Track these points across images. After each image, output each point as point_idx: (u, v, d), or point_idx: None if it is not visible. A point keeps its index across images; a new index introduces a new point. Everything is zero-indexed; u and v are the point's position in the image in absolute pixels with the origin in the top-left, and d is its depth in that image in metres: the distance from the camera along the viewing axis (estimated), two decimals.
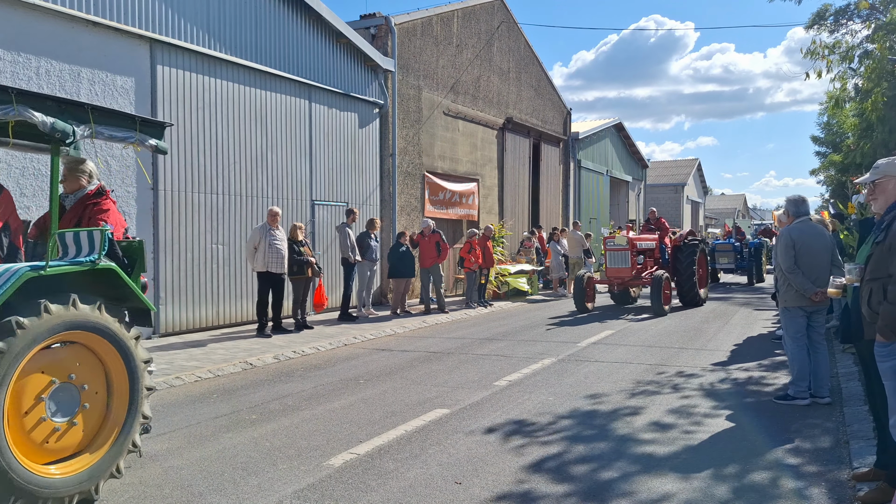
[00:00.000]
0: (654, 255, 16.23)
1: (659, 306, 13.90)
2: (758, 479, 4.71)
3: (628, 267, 14.87)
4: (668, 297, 14.32)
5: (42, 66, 9.42)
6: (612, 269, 15.07)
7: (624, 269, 14.91)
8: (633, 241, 15.17)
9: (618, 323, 13.03)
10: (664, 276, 14.21)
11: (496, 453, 5.32)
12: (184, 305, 11.42)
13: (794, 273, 6.53)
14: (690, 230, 16.95)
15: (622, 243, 15.00)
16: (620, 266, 14.95)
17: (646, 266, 15.77)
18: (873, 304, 4.03)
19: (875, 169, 4.33)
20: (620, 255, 15.01)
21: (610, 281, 15.29)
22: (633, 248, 15.08)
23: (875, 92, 18.24)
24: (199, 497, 4.49)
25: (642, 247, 15.67)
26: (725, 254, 23.86)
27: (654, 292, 14.07)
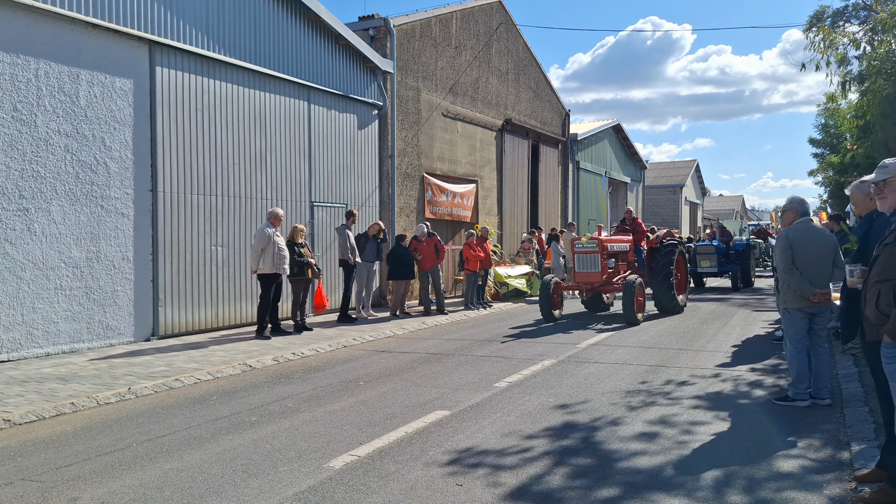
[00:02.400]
0: (627, 258, 14.97)
1: (631, 314, 12.65)
2: (759, 481, 4.71)
3: (598, 271, 13.66)
4: (642, 304, 13.23)
5: (41, 67, 9.41)
6: (581, 274, 13.82)
7: (593, 273, 13.69)
8: (603, 243, 13.87)
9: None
10: (637, 282, 13.01)
11: (497, 455, 5.31)
12: (183, 307, 11.41)
13: (791, 273, 6.48)
14: (668, 230, 15.59)
15: (591, 245, 13.82)
16: (589, 270, 13.73)
17: (618, 270, 14.52)
18: (882, 306, 3.99)
19: (884, 168, 4.31)
20: (589, 258, 13.77)
21: (578, 286, 14.06)
22: (604, 250, 13.82)
23: (872, 90, 18.25)
24: (199, 499, 4.48)
25: (614, 249, 14.40)
26: (707, 256, 22.11)
27: (625, 299, 12.76)
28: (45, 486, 4.78)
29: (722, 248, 22.15)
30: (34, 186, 9.38)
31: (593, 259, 13.70)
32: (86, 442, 5.81)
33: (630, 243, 15.04)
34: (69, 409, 6.83)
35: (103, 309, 10.22)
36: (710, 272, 22.10)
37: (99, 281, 10.16)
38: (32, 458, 5.40)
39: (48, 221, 9.54)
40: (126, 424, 6.37)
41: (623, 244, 14.80)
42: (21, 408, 6.67)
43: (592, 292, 14.35)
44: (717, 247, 22.03)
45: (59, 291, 9.64)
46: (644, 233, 15.59)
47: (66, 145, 9.76)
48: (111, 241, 10.35)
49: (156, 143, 10.99)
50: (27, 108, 9.26)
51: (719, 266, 21.81)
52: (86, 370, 8.53)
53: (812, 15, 26.44)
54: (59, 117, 9.65)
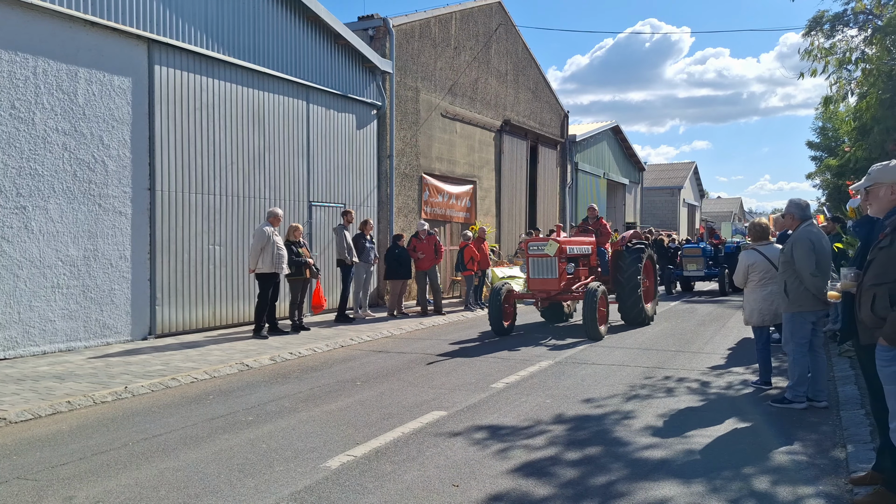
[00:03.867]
0: (589, 262, 13.35)
1: (593, 327, 11.07)
2: (755, 483, 4.71)
3: (555, 278, 11.97)
4: (605, 315, 11.68)
5: (39, 65, 9.40)
6: (536, 281, 12.17)
7: (550, 279, 12.03)
8: (561, 246, 12.17)
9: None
10: (600, 290, 11.38)
11: (493, 456, 5.31)
12: (180, 306, 11.39)
13: (817, 276, 6.33)
14: (635, 231, 13.97)
15: (549, 248, 12.13)
16: (545, 276, 12.09)
17: (578, 276, 12.82)
18: (877, 310, 3.99)
19: (868, 175, 4.36)
20: (545, 262, 12.08)
21: (533, 295, 12.38)
22: (562, 253, 12.10)
23: (870, 93, 18.28)
24: (195, 499, 4.47)
25: (574, 252, 12.64)
26: (693, 259, 20.83)
27: (586, 310, 11.18)
28: (40, 484, 4.77)
29: (709, 251, 21.18)
30: (32, 184, 9.36)
31: (549, 264, 12.04)
32: (82, 440, 5.80)
33: (593, 246, 13.45)
34: (65, 407, 6.82)
35: (100, 307, 10.21)
36: (696, 276, 20.93)
37: (96, 279, 10.15)
38: (28, 456, 5.39)
39: (46, 219, 9.52)
40: (122, 423, 6.36)
41: (584, 246, 13.17)
42: (17, 406, 6.66)
43: (549, 301, 12.70)
44: (704, 249, 21.01)
45: (56, 290, 9.62)
46: (608, 234, 14.04)
47: (64, 143, 9.74)
48: (109, 239, 10.33)
49: (154, 141, 10.98)
50: (25, 106, 9.25)
51: (706, 269, 20.76)
52: (82, 369, 8.52)
53: (811, 19, 26.41)
54: (57, 115, 9.64)
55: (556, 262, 11.95)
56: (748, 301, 7.52)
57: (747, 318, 7.60)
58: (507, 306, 12.05)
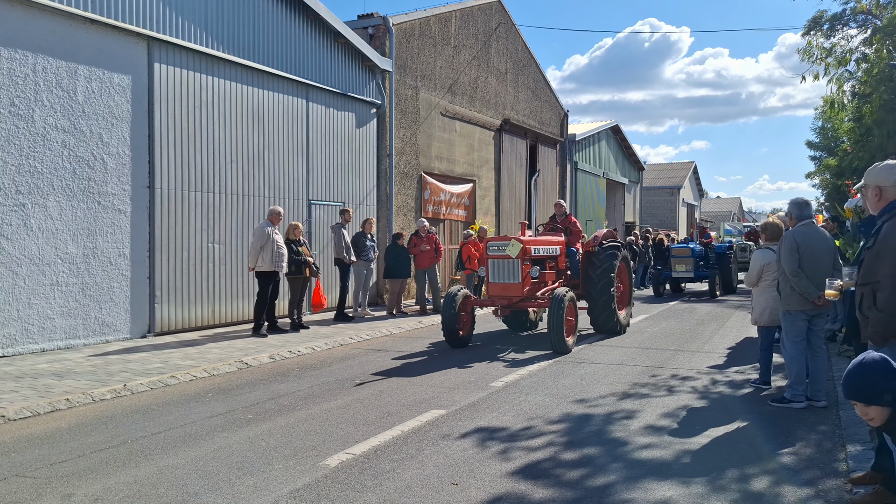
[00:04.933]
0: (558, 264, 11.90)
1: (559, 339, 9.69)
2: (754, 483, 4.71)
3: (517, 282, 10.50)
4: (573, 325, 10.24)
5: (39, 62, 9.38)
6: (496, 286, 10.70)
7: (511, 284, 10.55)
8: (524, 246, 10.61)
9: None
10: (567, 296, 9.98)
11: (493, 455, 5.31)
12: (179, 304, 11.38)
13: (798, 276, 6.43)
14: (609, 230, 12.51)
15: (510, 248, 10.58)
16: (506, 281, 10.59)
17: (544, 280, 11.31)
18: (864, 309, 4.09)
19: (864, 176, 4.46)
20: (506, 265, 10.58)
21: (492, 301, 10.89)
22: (526, 254, 10.61)
23: (873, 97, 18.31)
24: (195, 496, 4.47)
25: (539, 253, 11.14)
26: (682, 260, 19.66)
27: (551, 320, 9.76)
28: (38, 482, 4.76)
29: (699, 251, 20.09)
30: (31, 182, 9.35)
31: (511, 266, 10.57)
32: (80, 438, 5.79)
33: (561, 246, 11.97)
34: (64, 405, 6.81)
35: (99, 305, 10.20)
36: (685, 277, 19.83)
37: (95, 277, 10.14)
38: (26, 454, 5.38)
39: (45, 217, 9.51)
40: (121, 421, 6.35)
41: (552, 247, 11.66)
42: (15, 403, 6.65)
43: (511, 309, 11.17)
44: (693, 249, 19.89)
45: (55, 287, 9.61)
46: (579, 233, 12.58)
47: (64, 141, 9.73)
48: (108, 237, 10.32)
49: (153, 139, 10.97)
50: (24, 103, 9.24)
51: (696, 271, 19.64)
52: (81, 366, 8.51)
53: (810, 19, 26.45)
54: (56, 113, 9.62)
55: (519, 264, 10.48)
56: (759, 301, 7.50)
57: (757, 318, 7.58)
58: (464, 314, 10.67)
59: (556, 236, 12.15)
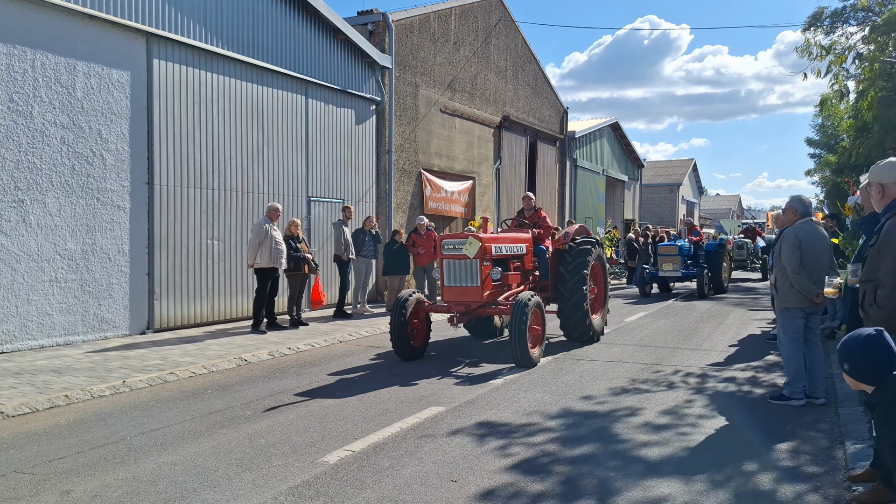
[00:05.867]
0: (524, 264, 10.54)
1: (522, 351, 8.48)
2: (753, 480, 4.71)
3: (476, 286, 9.24)
4: (540, 334, 8.95)
5: (38, 58, 9.36)
6: (451, 290, 9.41)
7: (469, 288, 9.28)
8: (485, 244, 9.34)
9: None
10: (531, 302, 8.67)
11: (492, 452, 5.31)
12: (178, 301, 11.37)
13: (800, 274, 6.39)
14: (581, 226, 11.44)
15: (468, 247, 9.21)
16: (463, 284, 9.32)
17: (508, 283, 9.92)
18: (865, 306, 4.10)
19: (868, 173, 4.45)
20: (463, 266, 9.31)
21: (448, 307, 9.47)
22: (486, 254, 9.32)
23: (870, 92, 18.30)
24: (193, 493, 4.46)
25: (502, 253, 9.80)
26: (669, 258, 18.52)
27: (513, 329, 8.49)
28: (37, 478, 4.76)
29: (687, 249, 18.98)
30: (30, 178, 9.33)
31: (469, 268, 9.30)
32: (79, 434, 5.79)
33: (528, 244, 10.65)
34: (63, 401, 6.81)
35: (98, 302, 10.19)
36: (672, 276, 18.75)
37: (94, 273, 10.13)
38: (25, 450, 5.38)
39: (44, 213, 9.49)
40: (120, 417, 6.35)
41: (517, 245, 10.33)
42: (14, 400, 6.64)
43: (469, 317, 9.83)
44: (681, 247, 18.73)
45: (54, 283, 9.60)
46: (549, 229, 11.18)
47: (63, 137, 9.71)
48: (107, 233, 10.31)
49: (152, 135, 10.95)
50: (23, 99, 9.22)
51: (684, 269, 18.57)
52: (80, 363, 8.51)
53: (810, 16, 26.42)
54: (55, 108, 9.60)
55: (478, 265, 9.21)
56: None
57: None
58: (417, 321, 9.42)
59: (523, 233, 10.81)
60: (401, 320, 9.10)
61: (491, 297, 9.51)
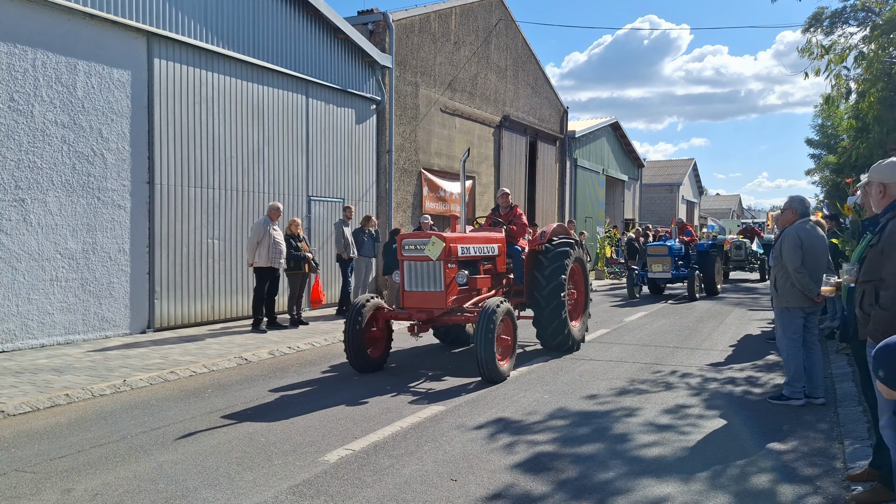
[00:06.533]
0: (496, 266, 9.55)
1: (490, 364, 7.56)
2: (752, 480, 4.72)
3: (440, 291, 8.31)
4: (510, 345, 8.11)
5: (38, 57, 9.37)
6: (412, 295, 8.49)
7: (432, 293, 8.36)
8: (450, 244, 8.36)
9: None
10: (500, 309, 7.77)
11: (492, 451, 5.32)
12: (179, 300, 11.38)
13: (801, 273, 6.41)
14: (560, 224, 10.65)
15: (430, 247, 8.27)
16: (425, 289, 8.40)
17: (477, 287, 8.96)
18: (865, 306, 4.10)
19: (868, 173, 4.43)
20: (425, 268, 8.38)
21: (409, 315, 8.53)
22: (451, 255, 8.36)
23: (871, 92, 18.30)
24: (194, 492, 4.48)
25: (470, 254, 8.84)
26: (659, 259, 17.64)
27: (478, 339, 7.57)
28: (38, 477, 4.77)
29: (678, 250, 18.15)
30: (30, 177, 9.34)
31: (431, 270, 8.37)
32: (80, 433, 5.80)
33: (501, 244, 9.67)
34: (64, 400, 6.82)
35: (99, 301, 10.20)
36: (662, 277, 17.86)
37: (95, 273, 10.14)
38: (26, 449, 5.39)
39: (44, 212, 9.50)
40: (121, 416, 6.36)
41: (487, 245, 9.35)
42: (15, 399, 6.65)
43: (431, 325, 8.80)
44: (671, 248, 17.84)
45: (54, 283, 9.61)
46: (524, 228, 10.27)
47: (63, 136, 9.72)
48: (107, 232, 10.32)
49: (153, 135, 10.96)
50: (24, 98, 9.22)
51: (674, 270, 17.67)
52: (81, 362, 8.52)
53: (810, 16, 26.45)
54: (56, 108, 9.61)
55: (441, 267, 8.28)
56: None
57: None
58: (375, 330, 8.59)
59: (496, 233, 9.88)
60: (356, 328, 8.19)
61: (457, 304, 8.54)
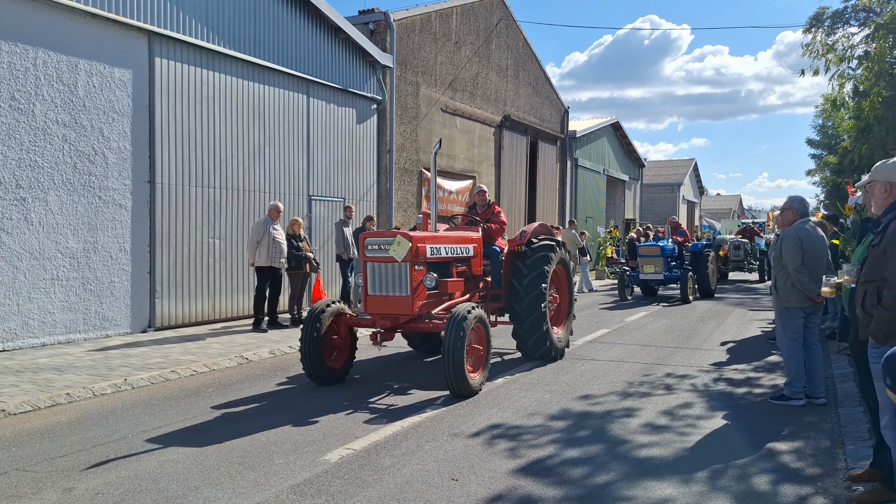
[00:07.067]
0: (471, 269, 8.79)
1: (459, 378, 6.82)
2: (754, 480, 4.72)
3: (405, 295, 7.54)
4: (483, 356, 7.36)
5: (40, 56, 9.37)
6: (376, 299, 7.72)
7: (397, 298, 7.59)
8: (417, 244, 7.56)
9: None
10: (471, 316, 7.02)
11: (493, 451, 5.32)
12: (180, 299, 11.39)
13: (802, 273, 6.43)
14: (542, 224, 9.77)
15: (395, 248, 7.48)
16: (389, 293, 7.64)
17: (447, 292, 8.14)
18: (867, 307, 4.08)
19: (870, 173, 4.40)
20: (389, 270, 7.62)
21: (371, 321, 7.80)
22: (418, 256, 7.58)
23: (873, 92, 18.29)
24: (195, 491, 4.48)
25: (440, 255, 8.05)
26: (651, 259, 16.96)
27: (446, 349, 6.80)
28: (39, 476, 4.77)
29: (670, 250, 17.48)
30: (31, 176, 9.34)
31: (396, 273, 7.60)
32: (81, 433, 5.80)
33: (476, 244, 8.86)
34: (64, 399, 6.82)
35: (100, 300, 10.20)
36: (654, 279, 17.14)
37: (96, 272, 10.14)
38: (27, 448, 5.39)
39: (45, 211, 9.51)
40: (122, 415, 6.36)
41: (461, 245, 8.55)
42: (16, 398, 6.66)
43: (396, 332, 8.12)
44: (663, 248, 17.16)
45: (55, 282, 9.62)
46: (502, 227, 9.49)
47: (64, 135, 9.72)
48: (108, 231, 10.32)
49: (154, 134, 10.96)
50: (25, 97, 9.23)
51: (667, 272, 17.04)
52: (82, 361, 8.52)
53: (811, 16, 26.40)
54: (57, 107, 9.61)
55: (408, 269, 7.50)
56: None
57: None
58: (337, 337, 7.85)
59: (472, 232, 9.05)
60: (314, 335, 7.41)
61: (425, 309, 7.76)
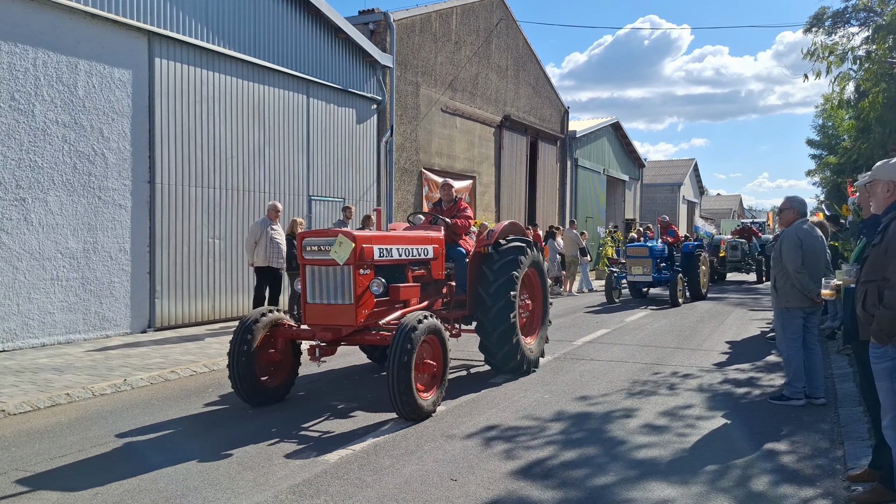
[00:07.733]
0: (430, 273, 7.85)
1: (407, 399, 5.87)
2: (754, 481, 4.72)
3: (348, 303, 6.49)
4: (438, 372, 6.39)
5: (39, 56, 9.37)
6: (315, 308, 6.64)
7: (339, 306, 6.53)
8: (362, 244, 6.54)
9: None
10: (421, 326, 6.05)
11: (492, 451, 5.32)
12: (180, 299, 11.39)
13: (801, 273, 6.42)
14: (512, 223, 8.86)
15: (336, 249, 6.43)
16: (329, 301, 6.58)
17: (399, 299, 7.07)
18: (868, 306, 4.07)
19: (871, 171, 4.40)
20: (329, 275, 6.58)
21: (310, 332, 6.66)
22: (364, 259, 6.56)
23: (873, 92, 18.29)
24: (195, 491, 4.48)
25: (392, 257, 7.06)
26: (639, 261, 16.29)
27: (392, 366, 5.84)
28: (39, 476, 4.77)
29: (660, 251, 16.77)
30: (31, 176, 9.35)
31: (338, 278, 6.56)
32: (80, 433, 5.80)
33: (437, 245, 7.92)
34: (64, 399, 6.82)
35: (100, 300, 10.20)
36: (643, 281, 16.50)
37: (96, 272, 10.14)
38: (27, 448, 5.39)
39: (45, 212, 9.51)
40: (121, 416, 6.36)
41: (417, 246, 7.56)
42: (16, 398, 6.66)
43: (339, 345, 6.86)
44: (652, 248, 16.45)
45: (55, 282, 9.62)
46: (467, 223, 8.68)
47: (64, 135, 9.72)
48: (108, 232, 10.33)
49: (154, 134, 10.96)
50: (25, 98, 9.23)
51: (656, 273, 16.37)
52: (81, 361, 8.52)
53: (812, 16, 26.43)
54: (57, 107, 9.62)
55: (351, 274, 6.48)
56: None
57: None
58: (274, 351, 6.87)
59: (433, 231, 8.12)
60: (243, 349, 6.46)
61: (372, 319, 6.73)
